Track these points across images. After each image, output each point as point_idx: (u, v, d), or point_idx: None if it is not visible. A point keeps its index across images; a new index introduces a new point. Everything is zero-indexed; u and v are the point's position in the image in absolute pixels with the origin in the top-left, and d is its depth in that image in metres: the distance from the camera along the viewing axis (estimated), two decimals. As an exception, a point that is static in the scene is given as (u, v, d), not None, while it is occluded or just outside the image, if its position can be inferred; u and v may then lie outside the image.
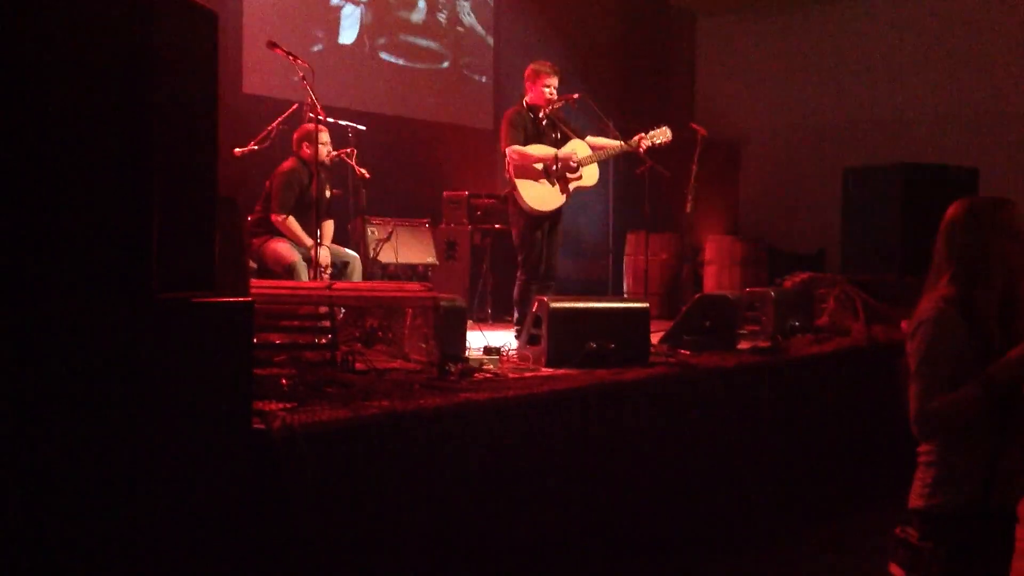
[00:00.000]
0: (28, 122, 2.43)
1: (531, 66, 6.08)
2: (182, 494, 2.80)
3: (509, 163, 5.88)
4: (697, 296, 5.88)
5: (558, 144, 5.98)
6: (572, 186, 5.97)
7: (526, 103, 6.03)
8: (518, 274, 6.09)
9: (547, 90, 5.93)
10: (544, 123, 6.00)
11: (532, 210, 5.90)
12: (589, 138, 6.08)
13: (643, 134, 6.07)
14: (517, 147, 5.86)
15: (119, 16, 2.60)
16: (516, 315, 6.06)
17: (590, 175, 6.03)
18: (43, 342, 2.46)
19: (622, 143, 6.04)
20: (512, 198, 5.96)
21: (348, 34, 9.19)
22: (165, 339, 2.78)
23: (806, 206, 11.11)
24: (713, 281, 8.79)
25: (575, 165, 5.92)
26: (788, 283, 7.16)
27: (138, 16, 2.62)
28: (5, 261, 2.41)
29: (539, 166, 5.88)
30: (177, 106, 2.83)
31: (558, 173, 5.89)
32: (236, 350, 3.03)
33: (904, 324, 7.43)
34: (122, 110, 2.59)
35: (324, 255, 5.66)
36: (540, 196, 5.88)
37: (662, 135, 6.09)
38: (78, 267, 2.54)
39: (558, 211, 6.02)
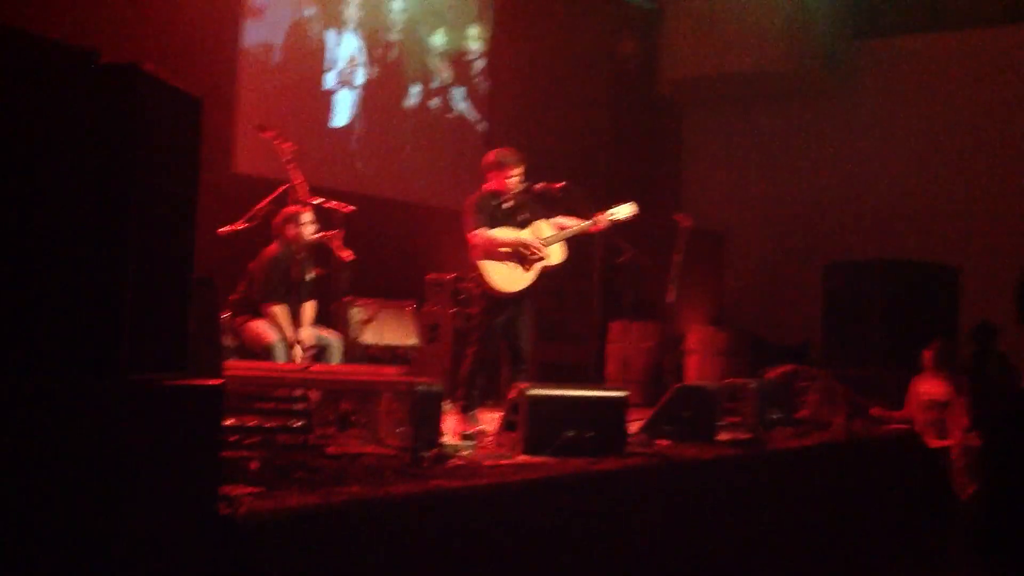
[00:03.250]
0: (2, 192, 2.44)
1: (493, 155, 6.00)
2: (143, 579, 2.75)
3: (474, 247, 5.88)
4: (676, 386, 5.87)
5: (524, 226, 5.96)
6: (538, 267, 5.93)
7: (486, 190, 5.97)
8: (469, 352, 6.00)
9: (511, 180, 5.89)
10: (510, 205, 5.98)
11: (499, 291, 5.84)
12: (557, 219, 6.06)
13: (602, 211, 6.00)
14: (483, 231, 5.84)
15: (104, 99, 2.64)
16: (462, 392, 5.91)
17: (555, 254, 5.97)
18: (3, 417, 2.43)
19: (582, 221, 5.99)
20: (477, 280, 5.92)
21: (340, 117, 9.32)
22: (133, 420, 2.75)
23: (791, 298, 11.19)
24: (695, 371, 8.80)
25: (538, 248, 5.88)
26: (771, 375, 7.18)
27: (122, 100, 2.67)
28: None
29: (505, 250, 5.88)
30: (157, 188, 2.85)
31: (520, 255, 5.87)
32: (205, 433, 3.01)
33: (873, 410, 7.43)
34: (100, 191, 2.62)
35: (304, 338, 5.65)
36: (507, 277, 5.85)
37: (626, 209, 6.05)
38: (46, 343, 2.54)
39: (525, 294, 5.94)
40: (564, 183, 5.97)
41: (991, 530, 6.08)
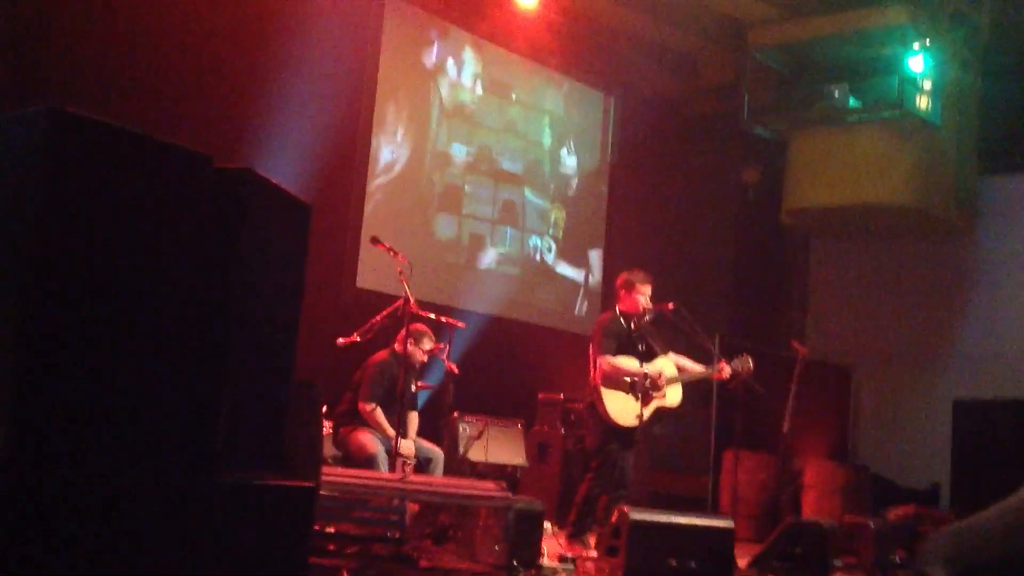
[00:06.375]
0: (107, 292, 2.50)
1: (624, 275, 6.10)
2: None
3: (599, 371, 5.85)
4: (789, 521, 5.62)
5: (644, 357, 5.93)
6: (654, 404, 5.88)
7: (619, 310, 6.05)
8: (588, 477, 5.91)
9: (641, 299, 5.94)
10: (634, 334, 5.98)
11: (613, 423, 5.81)
12: (673, 356, 6.03)
13: (725, 360, 6.03)
14: (609, 358, 5.83)
15: (215, 201, 2.73)
16: (575, 515, 5.85)
17: (673, 395, 5.95)
18: (97, 513, 2.46)
19: (704, 368, 6.02)
20: (593, 407, 5.90)
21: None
22: (224, 518, 2.76)
23: (919, 436, 10.66)
24: (812, 507, 8.41)
25: (662, 384, 5.85)
26: (892, 516, 6.82)
27: (232, 203, 2.76)
28: (62, 429, 2.43)
29: (628, 379, 5.83)
30: (262, 290, 2.93)
31: (643, 390, 5.82)
32: (294, 534, 3.00)
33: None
34: (204, 290, 2.68)
35: (406, 447, 5.63)
36: (623, 410, 5.79)
37: (742, 363, 6.07)
38: (142, 440, 2.58)
39: (638, 428, 5.87)
40: (673, 304, 5.93)
41: None
